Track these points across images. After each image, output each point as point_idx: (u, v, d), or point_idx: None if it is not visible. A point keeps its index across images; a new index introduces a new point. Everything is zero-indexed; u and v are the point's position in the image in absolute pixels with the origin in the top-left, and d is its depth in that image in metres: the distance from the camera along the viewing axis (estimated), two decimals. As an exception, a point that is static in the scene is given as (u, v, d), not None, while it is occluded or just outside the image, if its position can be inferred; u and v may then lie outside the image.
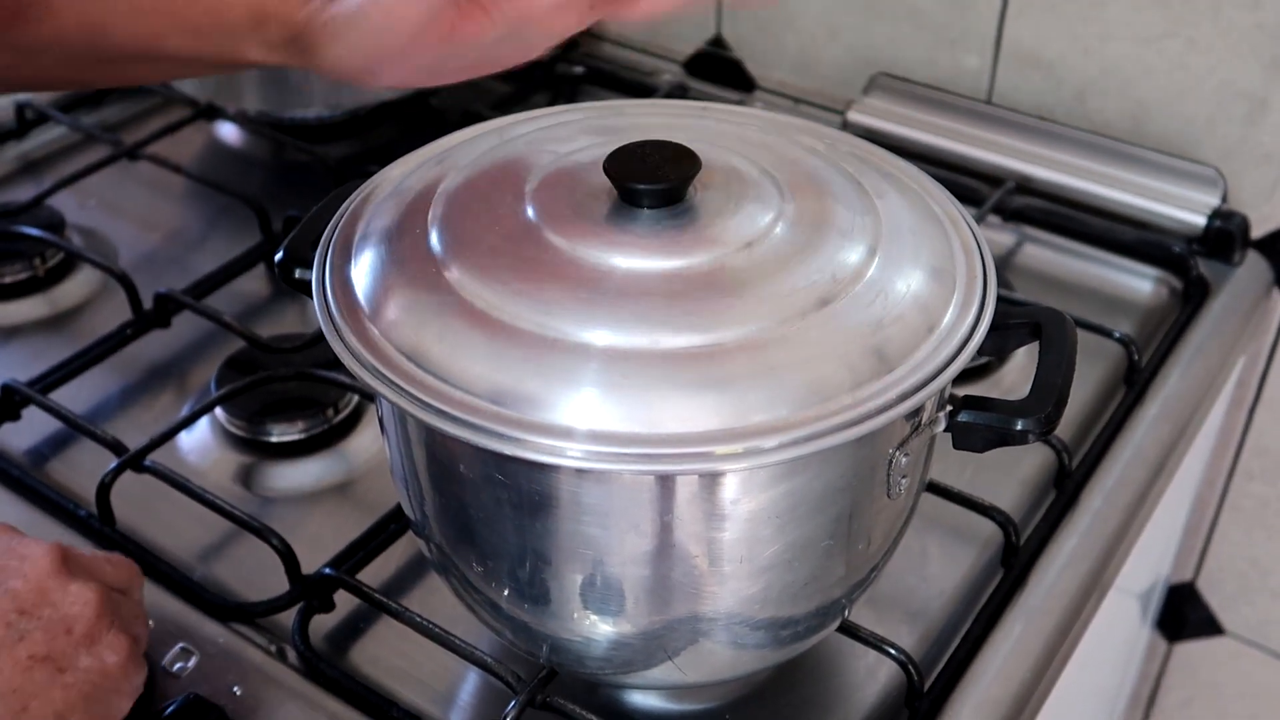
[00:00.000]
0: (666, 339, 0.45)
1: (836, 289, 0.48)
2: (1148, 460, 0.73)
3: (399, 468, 0.54)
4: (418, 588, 0.65)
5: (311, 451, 0.73)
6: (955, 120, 0.95)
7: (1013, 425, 0.49)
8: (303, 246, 0.54)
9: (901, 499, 0.52)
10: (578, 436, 0.44)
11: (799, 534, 0.48)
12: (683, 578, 0.48)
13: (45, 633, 0.50)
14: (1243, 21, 0.84)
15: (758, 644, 0.53)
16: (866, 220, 0.51)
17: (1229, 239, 0.87)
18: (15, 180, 0.96)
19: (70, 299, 0.84)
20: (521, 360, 0.45)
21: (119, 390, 0.77)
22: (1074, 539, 0.67)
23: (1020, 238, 0.91)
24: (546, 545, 0.49)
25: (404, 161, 0.58)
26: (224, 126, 1.02)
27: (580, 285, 0.47)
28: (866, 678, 0.61)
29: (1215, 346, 0.82)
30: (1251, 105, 0.86)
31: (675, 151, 0.51)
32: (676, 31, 1.08)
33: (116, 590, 0.54)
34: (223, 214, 0.91)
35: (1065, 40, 0.91)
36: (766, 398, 0.44)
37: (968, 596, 0.65)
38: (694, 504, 0.46)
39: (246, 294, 0.84)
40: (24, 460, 0.72)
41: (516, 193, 0.52)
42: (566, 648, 0.53)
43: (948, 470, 0.68)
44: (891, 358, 0.47)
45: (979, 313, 0.49)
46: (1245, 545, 1.02)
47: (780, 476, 0.46)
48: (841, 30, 1.00)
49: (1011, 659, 0.61)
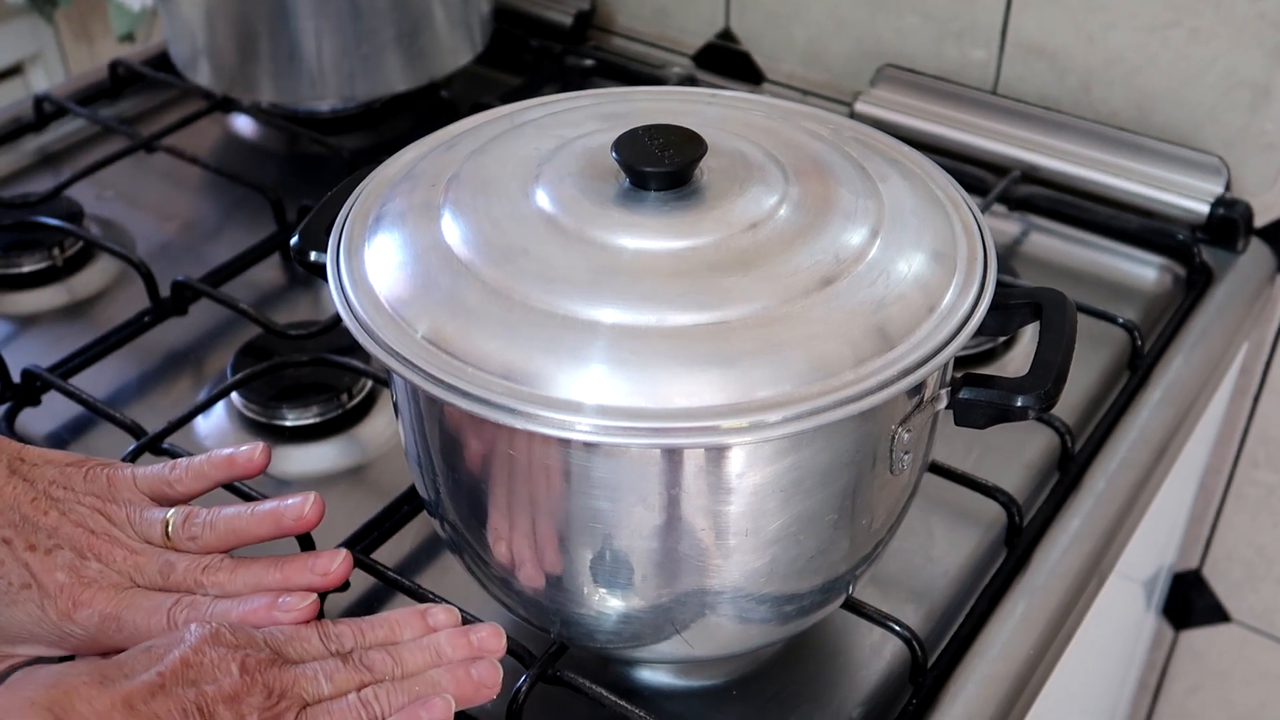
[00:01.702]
0: (673, 317, 0.46)
1: (839, 269, 0.49)
2: (1150, 443, 0.74)
3: (412, 447, 0.55)
4: (431, 567, 0.66)
5: (326, 435, 0.74)
6: (961, 111, 0.96)
7: (1013, 401, 0.50)
8: (318, 231, 0.55)
9: (905, 475, 0.53)
10: (587, 411, 0.45)
11: (804, 508, 0.49)
12: (690, 551, 0.49)
13: None
14: (1246, 10, 0.84)
15: (764, 618, 0.54)
16: (869, 203, 0.53)
17: (1232, 227, 0.87)
18: (34, 172, 0.98)
19: (89, 288, 0.86)
20: (532, 338, 0.47)
21: (137, 376, 0.79)
22: (1077, 520, 0.68)
23: (1026, 226, 0.92)
24: (557, 520, 0.50)
25: (416, 146, 0.59)
26: (239, 118, 1.04)
27: (589, 265, 0.48)
28: (871, 655, 0.62)
29: (1218, 333, 0.83)
30: (1255, 94, 0.87)
31: (682, 135, 0.52)
32: (685, 25, 1.09)
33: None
34: (238, 204, 0.93)
35: (1070, 31, 0.92)
36: (771, 374, 0.46)
37: (971, 576, 0.66)
38: (700, 477, 0.47)
39: (262, 282, 0.86)
40: (44, 444, 0.73)
41: (526, 176, 0.53)
42: (577, 622, 0.54)
43: (953, 452, 0.70)
44: (893, 336, 0.48)
45: (979, 292, 0.50)
46: (1251, 532, 1.03)
47: (785, 451, 0.47)
48: (849, 23, 1.01)
49: (1014, 637, 0.62)
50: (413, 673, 0.52)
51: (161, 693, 0.48)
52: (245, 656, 0.50)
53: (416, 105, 1.03)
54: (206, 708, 0.48)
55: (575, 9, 1.12)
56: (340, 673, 0.51)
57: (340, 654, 0.52)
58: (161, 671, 0.48)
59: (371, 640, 0.53)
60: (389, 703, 0.50)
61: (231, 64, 0.97)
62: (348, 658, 0.52)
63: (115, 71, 1.04)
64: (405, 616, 0.54)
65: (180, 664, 0.49)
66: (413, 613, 0.54)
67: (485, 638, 0.53)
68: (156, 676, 0.48)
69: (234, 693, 0.48)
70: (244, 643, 0.50)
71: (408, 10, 0.96)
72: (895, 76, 0.99)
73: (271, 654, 0.51)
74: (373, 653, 0.52)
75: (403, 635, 0.53)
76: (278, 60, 0.95)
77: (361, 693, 0.51)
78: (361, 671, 0.51)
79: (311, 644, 0.52)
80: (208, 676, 0.49)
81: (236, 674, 0.49)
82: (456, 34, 1.00)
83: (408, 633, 0.53)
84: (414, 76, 0.98)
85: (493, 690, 0.52)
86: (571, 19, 1.11)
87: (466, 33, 1.01)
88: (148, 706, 0.47)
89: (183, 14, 0.97)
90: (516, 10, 1.13)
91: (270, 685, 0.49)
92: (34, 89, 1.33)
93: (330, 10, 0.93)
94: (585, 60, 1.08)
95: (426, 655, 0.52)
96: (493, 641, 0.53)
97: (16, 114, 1.01)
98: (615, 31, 1.13)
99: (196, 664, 0.49)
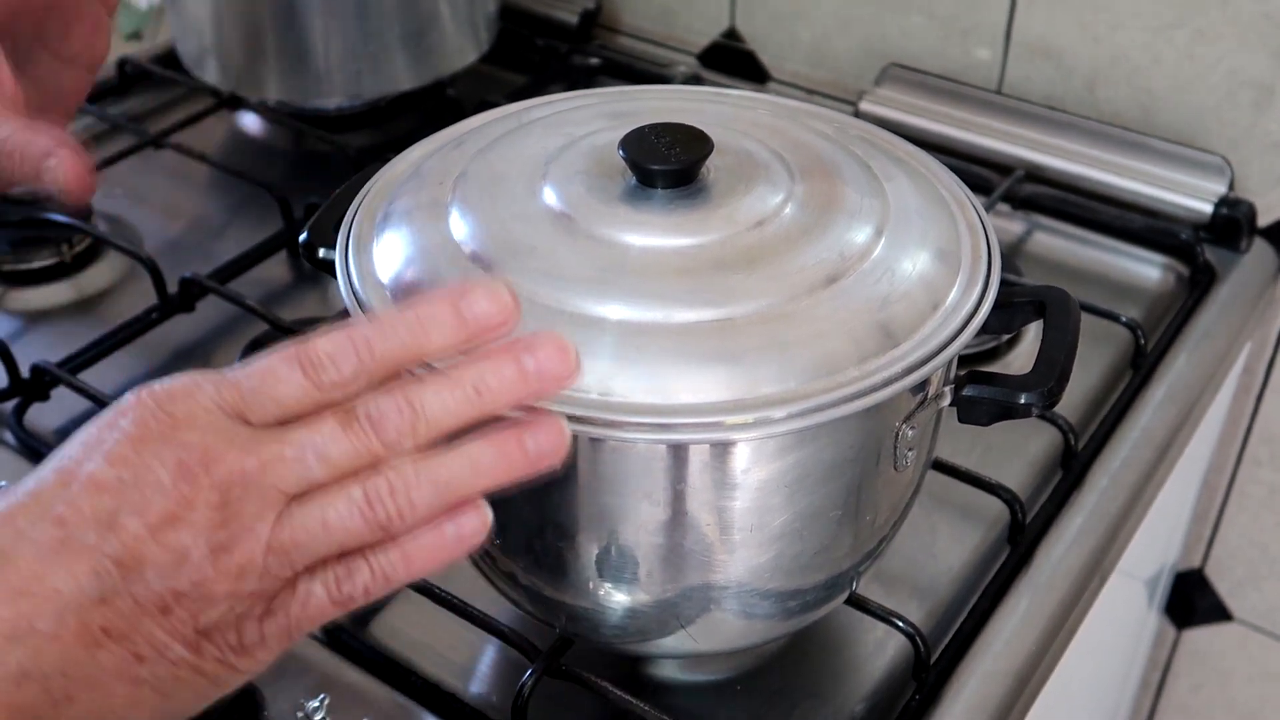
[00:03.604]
0: (679, 313, 0.47)
1: (844, 267, 0.49)
2: (1153, 442, 0.74)
3: (419, 442, 0.55)
4: (437, 562, 0.66)
5: (333, 432, 0.74)
6: (966, 110, 0.96)
7: (1016, 398, 0.50)
8: (326, 227, 0.56)
9: (908, 472, 0.53)
10: (593, 406, 0.45)
11: (808, 504, 0.50)
12: (695, 546, 0.50)
13: None
14: (1251, 11, 0.85)
15: (768, 613, 0.54)
16: (874, 202, 0.53)
17: (1236, 226, 0.88)
18: (42, 169, 0.98)
19: (97, 284, 0.86)
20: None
21: (145, 372, 0.79)
22: (1080, 517, 0.68)
23: (1030, 225, 0.92)
24: (563, 514, 0.50)
25: (423, 144, 0.59)
26: (246, 116, 1.04)
27: (596, 262, 0.49)
28: (875, 650, 0.62)
29: (1221, 332, 0.83)
30: (1259, 94, 0.87)
31: (689, 134, 0.53)
32: (691, 24, 1.10)
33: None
34: (245, 202, 0.93)
35: (1075, 30, 0.92)
36: (776, 370, 0.46)
37: (974, 573, 0.66)
38: (706, 473, 0.48)
39: (268, 279, 0.86)
40: (53, 439, 0.74)
41: (534, 174, 0.53)
42: (583, 616, 0.54)
43: (956, 450, 0.70)
44: (897, 333, 0.48)
45: (983, 290, 0.51)
46: (1253, 531, 1.03)
47: (789, 447, 0.48)
48: (854, 22, 1.01)
49: (1017, 633, 0.63)
50: (440, 431, 0.38)
51: (62, 552, 0.35)
52: (183, 453, 0.36)
53: (422, 104, 1.03)
54: (129, 553, 0.35)
55: (581, 8, 1.12)
56: (336, 443, 0.37)
57: (335, 406, 0.37)
58: (61, 516, 0.36)
59: (382, 353, 0.38)
60: (406, 505, 0.37)
61: (239, 62, 0.97)
62: (349, 416, 0.37)
63: (123, 69, 1.05)
64: (431, 311, 0.39)
65: (89, 489, 0.36)
66: (443, 301, 0.39)
67: (546, 361, 0.39)
68: (54, 526, 0.36)
69: (167, 514, 0.35)
70: (182, 420, 0.36)
71: (414, 9, 0.96)
72: (900, 76, 0.99)
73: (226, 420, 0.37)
74: (383, 400, 0.38)
75: (430, 340, 0.39)
76: (285, 58, 0.96)
77: (368, 486, 0.37)
78: (366, 437, 0.37)
79: (291, 382, 0.38)
80: (129, 499, 0.35)
81: (169, 483, 0.35)
82: (462, 33, 1.01)
83: (436, 335, 0.39)
84: (420, 75, 0.99)
85: (556, 455, 0.39)
86: (577, 18, 1.12)
87: (472, 32, 1.02)
88: (44, 584, 0.35)
89: (190, 12, 0.97)
90: (522, 9, 1.14)
91: (224, 485, 0.36)
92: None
93: (337, 9, 0.94)
94: (591, 59, 1.08)
95: (459, 394, 0.38)
96: (555, 363, 0.39)
97: (25, 111, 1.01)
98: (621, 31, 1.13)
99: (113, 483, 0.36)
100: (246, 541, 0.36)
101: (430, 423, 0.38)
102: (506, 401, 0.39)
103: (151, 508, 0.35)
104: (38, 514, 0.36)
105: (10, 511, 0.36)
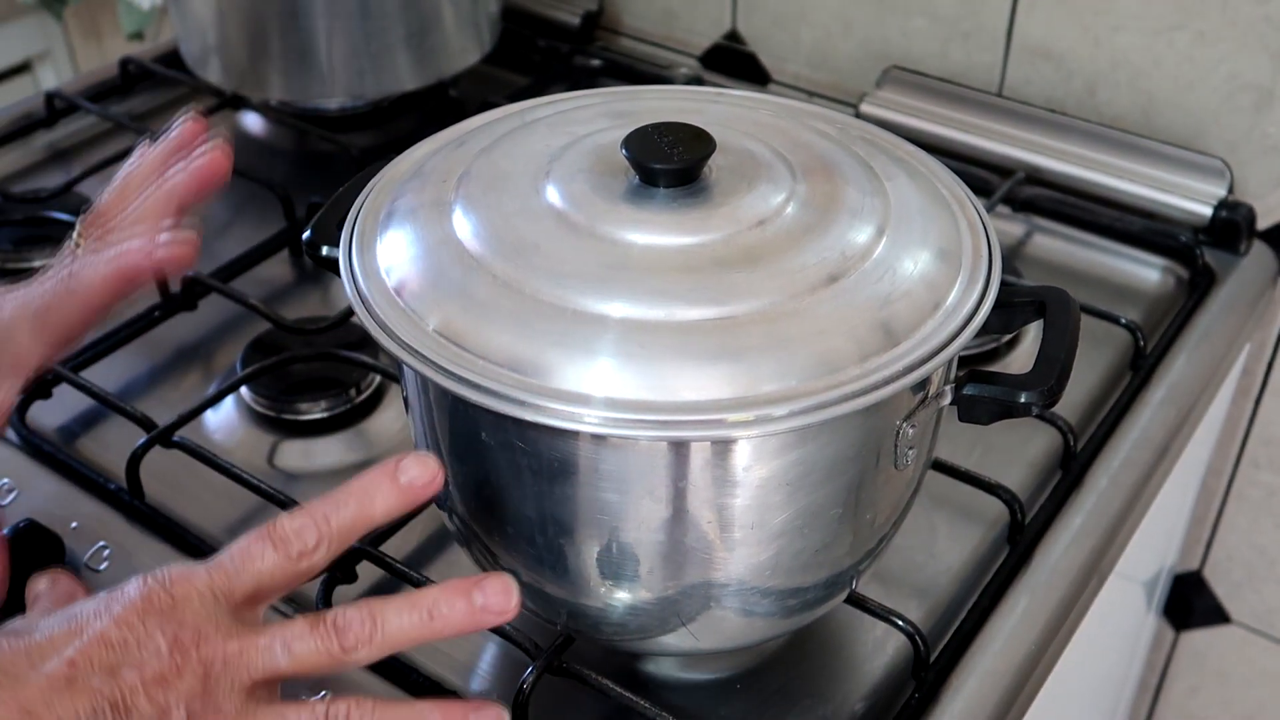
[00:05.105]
0: (681, 311, 0.47)
1: (846, 266, 0.49)
2: (1152, 443, 0.74)
3: (422, 440, 0.55)
4: (439, 560, 0.67)
5: (334, 430, 0.75)
6: (966, 112, 0.97)
7: (1016, 397, 0.50)
8: (330, 225, 0.56)
9: (909, 470, 0.53)
10: (595, 404, 0.45)
11: (809, 502, 0.50)
12: (696, 543, 0.50)
13: None
14: (1251, 14, 0.85)
15: (769, 611, 0.54)
16: (875, 201, 0.53)
17: (1235, 229, 0.88)
18: (45, 168, 0.98)
19: (99, 282, 0.86)
20: (542, 331, 0.47)
21: (147, 371, 0.79)
22: (1079, 517, 0.69)
23: (1030, 228, 0.92)
24: (565, 512, 0.50)
25: (426, 143, 0.60)
26: (248, 116, 1.04)
27: (599, 260, 0.49)
28: (875, 649, 0.62)
29: (1220, 334, 0.83)
30: (1259, 97, 0.87)
31: (691, 133, 0.53)
32: (692, 25, 1.10)
33: None
34: (247, 201, 0.93)
35: (1075, 33, 0.92)
36: (777, 368, 0.46)
37: (974, 572, 0.66)
38: (707, 470, 0.48)
39: (271, 278, 0.86)
40: (55, 437, 0.74)
41: (537, 172, 0.54)
42: (584, 613, 0.54)
43: (956, 450, 0.70)
44: (898, 332, 0.48)
45: (984, 290, 0.51)
46: (1252, 534, 1.03)
47: (790, 445, 0.48)
48: (855, 24, 1.01)
49: (1016, 633, 0.63)
50: (393, 646, 0.45)
51: (69, 688, 0.42)
52: (179, 629, 0.43)
53: (424, 104, 1.03)
54: (123, 700, 0.42)
55: (583, 9, 1.12)
56: (302, 640, 0.44)
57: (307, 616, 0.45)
58: (73, 659, 0.43)
59: (339, 524, 0.46)
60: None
61: (241, 62, 0.97)
62: (318, 619, 0.45)
63: (126, 69, 1.05)
64: (373, 482, 0.46)
65: (98, 643, 0.43)
66: (381, 473, 0.47)
67: (491, 597, 0.45)
68: (66, 666, 0.43)
69: (160, 675, 0.42)
70: (180, 600, 0.44)
71: (417, 9, 0.96)
72: (901, 78, 0.99)
73: (215, 604, 0.44)
74: (350, 611, 0.45)
75: (375, 506, 0.46)
76: (288, 58, 0.96)
77: (330, 711, 0.44)
78: (329, 640, 0.44)
79: (266, 559, 0.45)
80: (131, 657, 0.43)
81: (166, 651, 0.43)
82: (465, 33, 1.01)
83: (380, 502, 0.46)
84: (423, 75, 0.99)
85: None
86: (579, 19, 1.12)
87: (475, 32, 1.02)
88: (50, 711, 0.42)
89: (193, 12, 0.98)
90: (525, 10, 1.14)
91: (208, 662, 0.43)
92: (42, 87, 1.34)
93: (340, 9, 0.94)
94: (592, 60, 1.08)
95: (415, 617, 0.45)
96: (500, 600, 0.45)
97: (28, 110, 1.02)
98: (622, 32, 1.14)
99: (119, 642, 0.43)
100: (214, 716, 0.44)
101: (386, 636, 0.45)
102: (455, 628, 0.46)
103: (148, 668, 0.43)
104: (51, 654, 0.43)
105: (26, 649, 0.44)
